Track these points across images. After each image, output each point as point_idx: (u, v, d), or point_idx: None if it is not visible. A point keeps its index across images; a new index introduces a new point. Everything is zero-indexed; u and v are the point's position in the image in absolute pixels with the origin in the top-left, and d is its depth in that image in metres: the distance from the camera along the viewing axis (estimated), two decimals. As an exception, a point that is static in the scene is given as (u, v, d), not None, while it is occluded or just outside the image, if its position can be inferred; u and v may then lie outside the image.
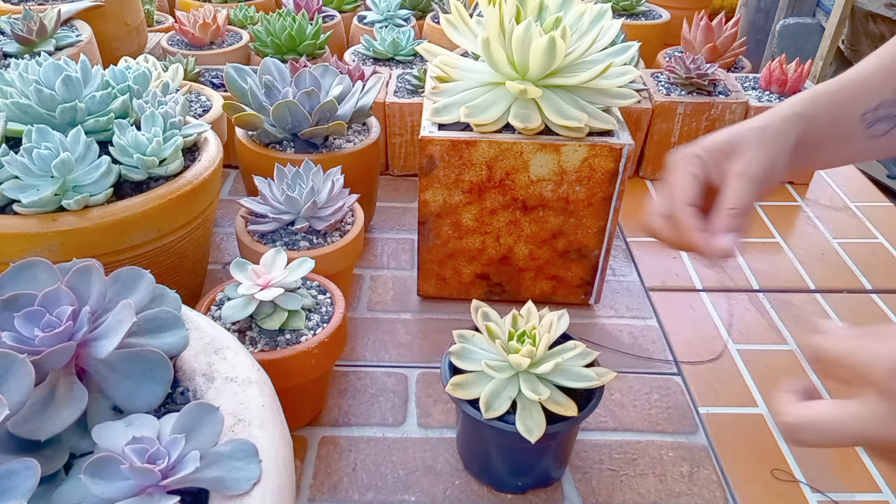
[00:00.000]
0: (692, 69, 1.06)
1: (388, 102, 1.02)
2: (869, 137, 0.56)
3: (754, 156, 0.54)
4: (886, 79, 0.56)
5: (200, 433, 0.37)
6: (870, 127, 0.56)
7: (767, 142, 0.54)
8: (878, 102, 0.56)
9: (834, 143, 0.57)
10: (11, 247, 0.58)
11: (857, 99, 0.56)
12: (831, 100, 0.56)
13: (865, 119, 0.56)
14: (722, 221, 0.53)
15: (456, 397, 0.55)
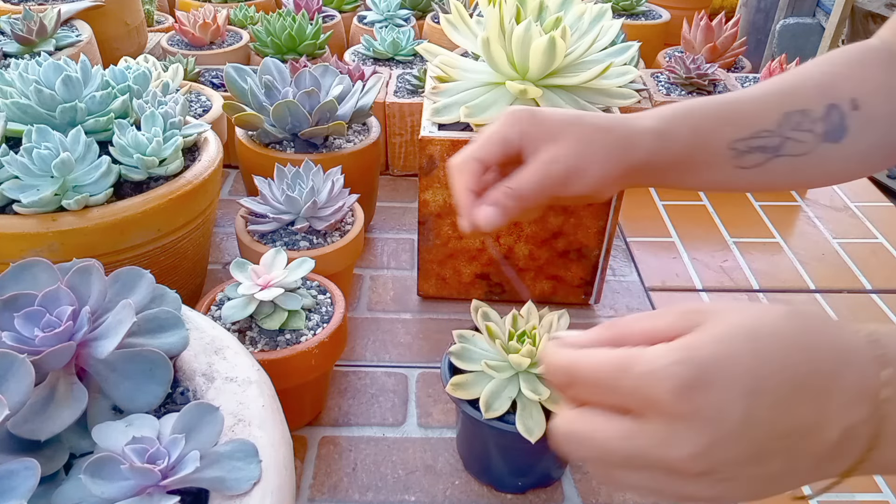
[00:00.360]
0: (692, 69, 1.06)
1: (388, 102, 1.02)
2: (738, 167, 0.52)
3: (566, 152, 0.49)
4: (771, 106, 0.52)
5: (200, 433, 0.37)
6: (739, 157, 0.52)
7: (595, 145, 0.49)
8: (754, 132, 0.51)
9: (694, 167, 0.52)
10: (11, 247, 0.58)
11: (728, 125, 0.52)
12: (697, 123, 0.52)
13: (735, 148, 0.51)
14: (492, 194, 0.49)
15: (456, 397, 0.55)
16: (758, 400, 0.27)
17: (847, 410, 0.28)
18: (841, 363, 0.28)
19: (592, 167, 0.49)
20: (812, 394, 0.28)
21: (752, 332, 0.29)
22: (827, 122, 0.51)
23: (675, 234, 0.98)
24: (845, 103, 0.51)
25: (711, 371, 0.28)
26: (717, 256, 0.94)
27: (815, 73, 0.53)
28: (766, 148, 0.51)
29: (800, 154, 0.51)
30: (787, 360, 0.28)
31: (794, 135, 0.51)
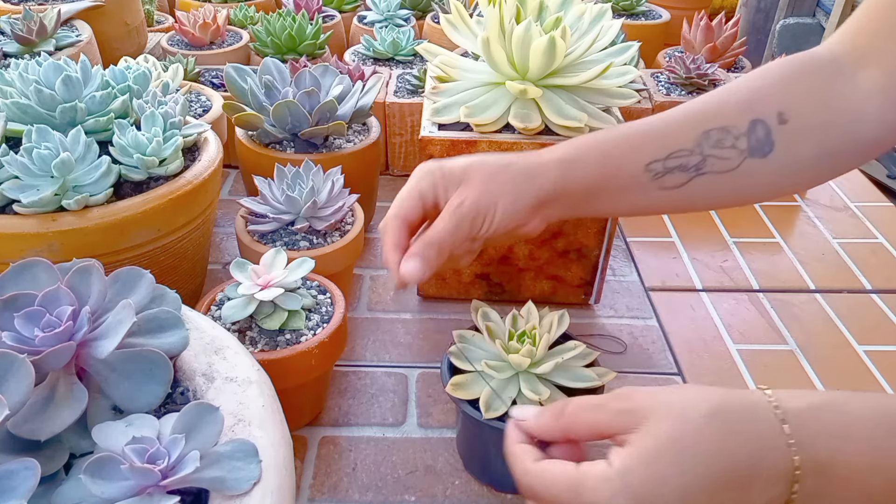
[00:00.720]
0: (692, 69, 1.06)
1: (388, 102, 1.02)
2: (660, 189, 0.52)
3: (472, 193, 0.50)
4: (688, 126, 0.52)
5: (200, 433, 0.37)
6: (657, 178, 0.52)
7: (498, 182, 0.51)
8: (670, 152, 0.51)
9: (612, 192, 0.53)
10: (11, 247, 0.58)
11: (642, 149, 0.52)
12: (608, 150, 0.52)
13: (651, 169, 0.51)
14: (413, 248, 0.51)
15: (456, 397, 0.55)
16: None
17: (767, 491, 0.34)
18: (758, 458, 0.34)
19: (499, 202, 0.50)
20: (734, 489, 0.34)
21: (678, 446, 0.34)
22: (751, 137, 0.50)
23: (675, 234, 0.98)
24: (771, 118, 0.50)
25: (644, 496, 0.33)
26: (717, 256, 0.94)
27: (742, 89, 0.52)
28: (686, 167, 0.51)
29: (724, 171, 0.51)
30: (709, 468, 0.33)
31: (716, 152, 0.50)
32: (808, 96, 0.51)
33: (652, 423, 0.35)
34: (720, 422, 0.34)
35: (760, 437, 0.34)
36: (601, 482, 0.34)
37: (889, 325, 0.83)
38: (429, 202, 0.52)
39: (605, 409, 0.37)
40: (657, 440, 0.34)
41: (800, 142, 0.51)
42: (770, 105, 0.51)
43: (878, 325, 0.83)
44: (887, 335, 0.81)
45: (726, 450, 0.34)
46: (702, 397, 0.36)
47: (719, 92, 0.53)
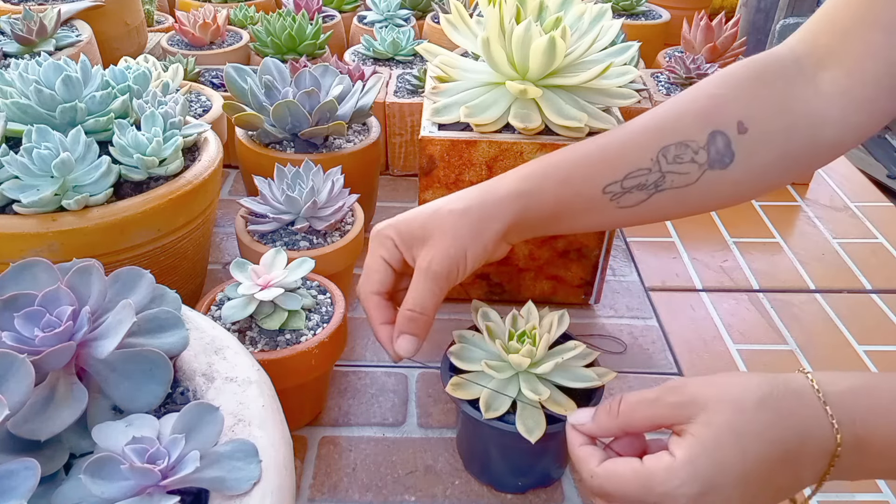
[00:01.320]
0: (692, 69, 1.06)
1: (388, 102, 1.02)
2: (618, 207, 0.52)
3: (440, 250, 0.51)
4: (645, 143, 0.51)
5: (200, 433, 0.37)
6: (615, 199, 0.52)
7: (461, 230, 0.51)
8: (627, 172, 0.51)
9: (573, 215, 0.53)
10: (11, 247, 0.58)
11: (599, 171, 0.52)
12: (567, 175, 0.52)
13: (609, 192, 0.51)
14: (399, 322, 0.52)
15: (456, 397, 0.55)
16: (749, 487, 0.37)
17: (814, 465, 0.38)
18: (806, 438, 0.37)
19: (467, 250, 0.51)
20: (788, 465, 0.38)
21: (736, 433, 0.37)
22: (710, 150, 0.50)
23: (675, 234, 0.98)
24: (731, 128, 0.50)
25: (711, 481, 0.37)
26: (717, 256, 0.94)
27: (700, 98, 0.52)
28: (645, 185, 0.51)
29: (683, 185, 0.51)
30: (765, 452, 0.37)
31: (674, 168, 0.50)
32: (768, 102, 0.50)
33: (709, 414, 0.38)
34: (771, 409, 0.38)
35: (807, 420, 0.38)
36: (669, 474, 0.37)
37: (889, 325, 0.83)
38: (396, 265, 0.53)
39: (662, 402, 0.40)
40: (717, 429, 0.37)
41: (760, 149, 0.50)
42: (729, 114, 0.50)
43: (878, 325, 0.83)
44: (887, 335, 0.81)
45: (779, 434, 0.37)
46: (751, 385, 0.39)
47: (678, 102, 0.52)
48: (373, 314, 0.53)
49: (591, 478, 0.40)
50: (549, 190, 0.52)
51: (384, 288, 0.53)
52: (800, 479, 0.38)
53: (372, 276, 0.53)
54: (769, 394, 0.38)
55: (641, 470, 0.38)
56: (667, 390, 0.40)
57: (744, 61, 0.53)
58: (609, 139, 0.53)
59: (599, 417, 0.43)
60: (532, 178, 0.52)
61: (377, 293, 0.53)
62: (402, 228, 0.52)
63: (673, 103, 0.53)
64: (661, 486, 0.37)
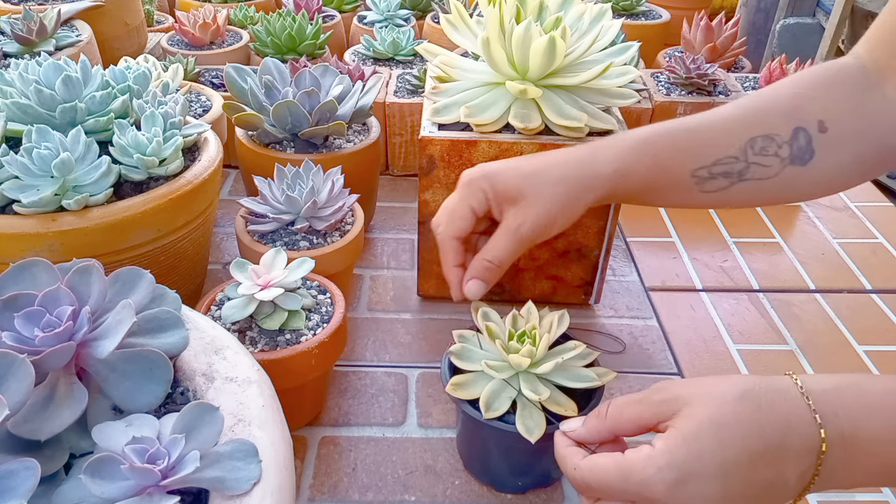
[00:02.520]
0: (692, 69, 1.06)
1: (388, 102, 1.02)
2: (702, 192, 0.54)
3: (531, 215, 0.53)
4: (735, 132, 0.53)
5: (200, 433, 0.37)
6: (701, 183, 0.53)
7: (554, 200, 0.53)
8: (716, 159, 0.53)
9: (657, 192, 0.55)
10: (11, 247, 0.58)
11: (689, 154, 0.53)
12: (658, 154, 0.53)
13: (697, 176, 0.53)
14: (475, 267, 0.54)
15: (456, 397, 0.55)
16: (728, 479, 0.36)
17: (798, 463, 0.37)
18: (787, 432, 0.37)
19: (557, 219, 0.53)
20: (769, 460, 0.37)
21: (716, 424, 0.37)
22: (793, 145, 0.52)
23: (675, 234, 0.98)
24: (812, 126, 0.52)
25: (689, 468, 0.36)
26: (717, 256, 0.94)
27: (784, 96, 0.53)
28: (730, 173, 0.53)
29: (765, 178, 0.53)
30: (745, 442, 0.37)
31: (759, 159, 0.52)
32: (845, 105, 0.52)
33: (691, 407, 0.38)
34: (751, 402, 0.38)
35: (789, 415, 0.37)
36: (647, 461, 0.37)
37: (889, 325, 0.83)
38: (480, 216, 0.55)
39: (647, 401, 0.40)
40: (697, 421, 0.37)
41: (837, 150, 0.53)
42: (811, 113, 0.52)
43: (878, 325, 0.83)
44: (887, 335, 0.81)
45: (759, 427, 0.37)
46: (734, 382, 0.39)
47: (762, 97, 0.54)
48: (448, 256, 0.55)
49: (573, 470, 0.41)
50: (641, 170, 0.53)
51: (464, 234, 0.55)
52: (784, 476, 0.37)
53: (456, 222, 0.54)
54: (750, 389, 0.38)
55: (621, 460, 0.39)
56: (652, 391, 0.41)
57: (818, 66, 0.55)
58: (698, 123, 0.54)
59: (588, 422, 0.43)
60: (626, 156, 0.53)
61: (456, 237, 0.55)
62: (498, 186, 0.54)
63: (757, 97, 0.54)
64: (639, 474, 0.37)
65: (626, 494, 0.38)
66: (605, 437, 0.43)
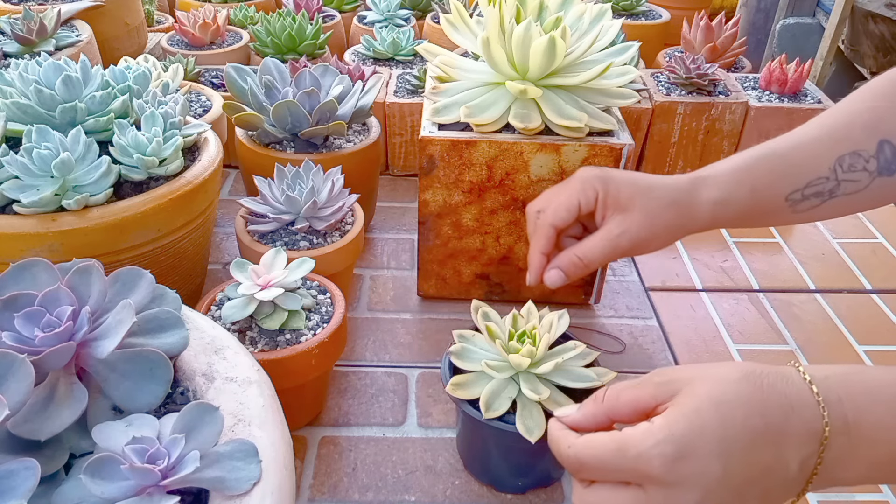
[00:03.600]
0: (692, 69, 1.06)
1: (388, 102, 1.02)
2: (794, 212, 0.56)
3: (635, 228, 0.54)
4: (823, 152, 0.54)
5: (200, 433, 0.37)
6: (794, 205, 0.55)
7: (660, 220, 0.55)
8: (808, 181, 0.54)
9: (752, 219, 0.57)
10: (11, 247, 0.58)
11: (783, 179, 0.55)
12: (755, 183, 0.55)
13: (791, 199, 0.55)
14: (562, 259, 0.56)
15: (456, 397, 0.55)
16: (729, 458, 0.35)
17: (800, 447, 0.36)
18: (789, 414, 0.36)
19: (656, 240, 0.55)
20: (770, 442, 0.35)
21: (716, 401, 0.36)
22: (880, 158, 0.53)
23: (675, 234, 0.98)
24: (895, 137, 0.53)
25: (688, 443, 0.35)
26: (717, 256, 0.94)
27: (862, 110, 0.55)
28: (822, 193, 0.55)
29: (855, 192, 0.54)
30: (746, 420, 0.35)
31: (849, 176, 0.54)
32: None
33: (692, 386, 0.37)
34: (753, 382, 0.37)
35: (791, 397, 0.36)
36: (644, 435, 0.36)
37: (889, 325, 0.83)
38: (584, 211, 0.56)
39: (646, 384, 0.39)
40: (697, 397, 0.36)
41: None
42: (893, 124, 0.53)
43: (878, 325, 0.83)
44: (887, 335, 0.81)
45: (761, 406, 0.36)
46: (734, 365, 0.38)
47: (841, 113, 0.56)
48: (539, 242, 0.56)
49: (567, 448, 0.39)
50: (740, 199, 0.55)
51: (563, 225, 0.56)
52: (784, 460, 0.36)
53: (560, 212, 0.56)
54: (752, 371, 0.38)
55: (617, 435, 0.37)
56: (651, 375, 0.40)
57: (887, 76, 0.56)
58: (787, 146, 0.56)
59: (584, 407, 0.42)
60: (725, 185, 0.55)
61: (555, 227, 0.56)
62: (612, 189, 0.55)
63: (836, 114, 0.56)
64: (635, 448, 0.36)
65: (621, 472, 0.37)
66: (601, 421, 0.41)
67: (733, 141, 1.08)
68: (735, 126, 1.06)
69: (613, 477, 0.37)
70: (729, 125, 1.06)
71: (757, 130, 1.07)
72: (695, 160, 1.10)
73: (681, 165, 1.10)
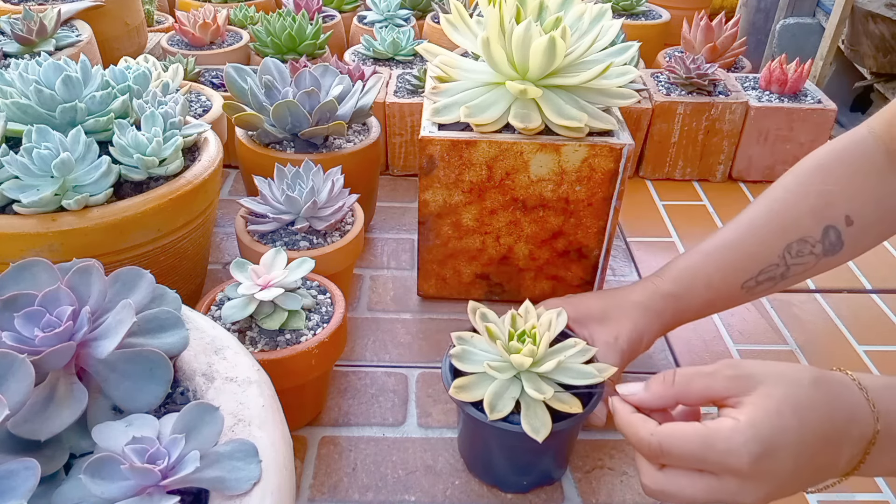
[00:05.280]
0: (692, 69, 1.06)
1: (388, 102, 1.02)
2: (749, 295, 0.60)
3: (625, 330, 0.58)
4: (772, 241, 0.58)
5: (200, 433, 0.37)
6: (750, 291, 0.60)
7: (641, 319, 0.59)
8: (760, 269, 0.58)
9: (715, 307, 0.62)
10: (11, 247, 0.58)
11: (737, 271, 0.59)
12: (710, 278, 0.59)
13: (746, 287, 0.59)
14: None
15: (459, 400, 0.55)
16: (800, 457, 0.39)
17: (852, 449, 0.40)
18: (850, 422, 0.40)
19: (644, 336, 0.59)
20: (833, 444, 0.40)
21: (794, 405, 0.39)
22: (825, 242, 0.58)
23: (675, 234, 0.98)
24: (840, 222, 0.57)
25: (773, 443, 0.39)
26: (717, 256, 0.94)
27: (811, 194, 0.58)
28: (774, 277, 0.59)
29: (802, 273, 0.59)
30: (819, 426, 0.39)
31: (797, 261, 0.58)
32: (869, 197, 0.58)
33: (767, 387, 0.40)
34: (823, 389, 0.41)
35: (853, 406, 0.40)
36: (733, 433, 0.39)
37: (889, 325, 0.83)
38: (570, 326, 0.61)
39: (719, 375, 0.42)
40: (776, 400, 0.39)
41: (863, 237, 0.59)
42: (838, 210, 0.58)
43: (878, 325, 0.83)
44: (887, 335, 0.81)
45: (830, 413, 0.40)
46: (802, 369, 0.42)
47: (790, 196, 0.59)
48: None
49: (650, 435, 0.41)
50: (698, 293, 0.60)
51: None
52: (837, 461, 0.40)
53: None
54: (820, 377, 0.41)
55: (703, 430, 0.40)
56: (724, 366, 0.42)
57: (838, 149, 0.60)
58: (738, 237, 0.60)
59: (653, 387, 0.44)
60: (682, 281, 0.60)
61: None
62: (582, 312, 0.60)
63: (785, 197, 0.60)
64: (724, 444, 0.38)
65: (704, 462, 0.39)
66: (669, 403, 0.44)
67: (733, 141, 1.08)
68: (735, 126, 1.06)
69: (693, 465, 0.40)
70: (729, 125, 1.06)
71: (757, 130, 1.07)
72: (695, 160, 1.10)
73: (681, 165, 1.10)
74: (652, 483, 0.42)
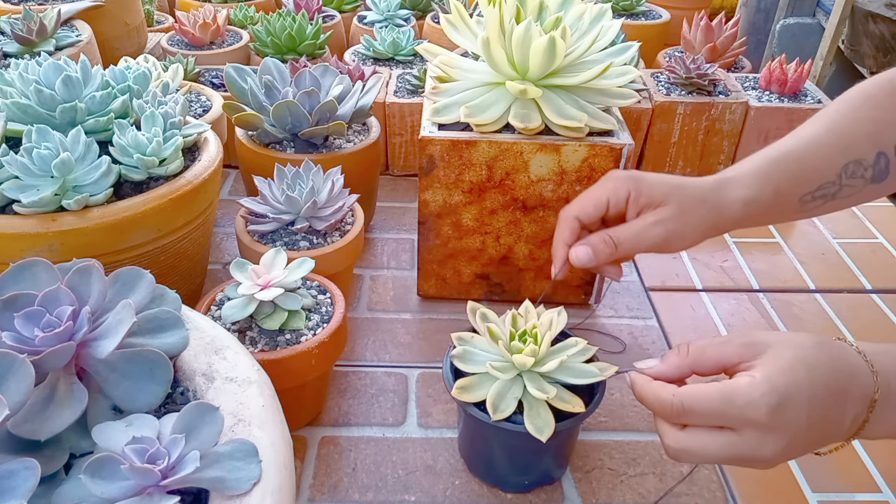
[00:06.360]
0: (692, 69, 1.06)
1: (388, 102, 1.02)
2: (803, 211, 0.60)
3: (670, 221, 0.57)
4: (832, 158, 0.58)
5: (200, 433, 0.37)
6: (804, 205, 0.59)
7: (694, 216, 0.57)
8: (819, 185, 0.59)
9: (772, 216, 0.61)
10: (11, 247, 0.58)
11: (800, 183, 0.59)
12: (778, 184, 0.59)
13: (803, 200, 0.59)
14: (593, 237, 0.57)
15: (462, 400, 0.55)
16: (813, 410, 0.41)
17: (855, 407, 0.42)
18: (853, 379, 0.42)
19: (689, 234, 0.57)
20: (839, 400, 0.42)
21: (804, 363, 0.42)
22: (876, 168, 0.58)
23: (675, 234, 0.98)
24: (891, 150, 0.58)
25: (788, 395, 0.41)
26: (717, 256, 0.94)
27: (864, 120, 0.59)
28: (827, 195, 0.59)
29: (850, 195, 0.59)
30: (827, 381, 0.42)
31: (850, 182, 0.59)
32: None
33: (776, 349, 0.43)
34: (826, 351, 0.43)
35: (853, 365, 0.43)
36: (751, 387, 0.41)
37: (889, 325, 0.83)
38: (613, 209, 0.57)
39: (731, 343, 0.44)
40: (786, 359, 0.42)
41: None
42: (890, 138, 0.58)
43: (878, 325, 0.83)
44: (887, 335, 0.81)
45: (835, 370, 0.42)
46: (805, 334, 0.44)
47: (846, 119, 0.59)
48: (564, 233, 0.58)
49: (671, 396, 0.43)
50: (763, 198, 0.58)
51: (587, 219, 0.57)
52: (844, 415, 0.42)
53: (587, 207, 0.57)
54: (823, 340, 0.44)
55: (722, 386, 0.42)
56: (734, 335, 0.45)
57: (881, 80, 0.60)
58: (801, 150, 0.59)
59: (669, 359, 0.46)
60: (754, 186, 0.58)
61: (579, 220, 0.57)
62: (644, 187, 0.57)
63: (841, 118, 0.59)
64: (743, 398, 0.41)
65: (725, 417, 0.41)
66: (685, 373, 0.46)
67: (733, 141, 1.08)
68: (735, 126, 1.06)
69: (714, 422, 0.42)
70: (729, 125, 1.06)
71: (757, 130, 1.07)
72: (695, 160, 1.10)
73: (681, 165, 1.10)
74: (675, 443, 0.44)
